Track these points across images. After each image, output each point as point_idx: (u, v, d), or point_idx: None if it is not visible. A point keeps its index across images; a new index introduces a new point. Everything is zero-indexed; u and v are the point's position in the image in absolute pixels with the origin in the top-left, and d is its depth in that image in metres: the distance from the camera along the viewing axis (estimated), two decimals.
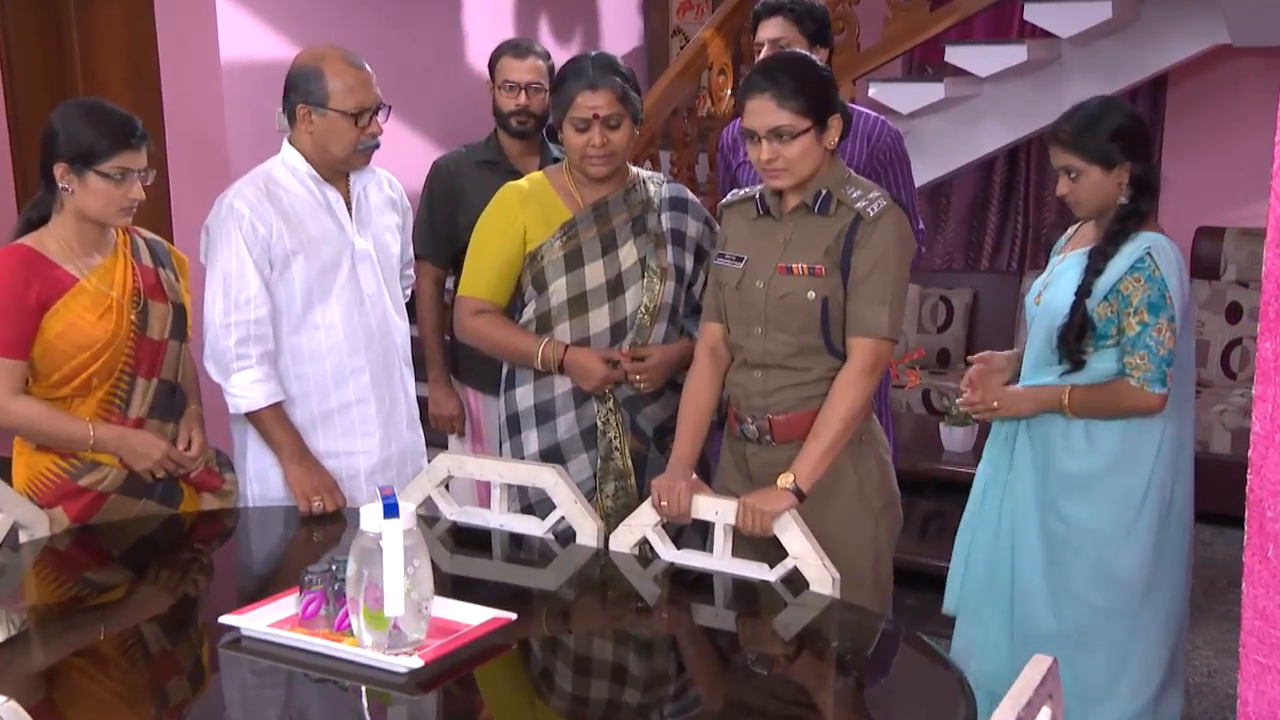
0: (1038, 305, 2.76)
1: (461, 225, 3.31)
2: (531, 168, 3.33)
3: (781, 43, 3.20)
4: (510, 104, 3.37)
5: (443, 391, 3.44)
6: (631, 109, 2.69)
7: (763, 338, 2.48)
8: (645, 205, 2.78)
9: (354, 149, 2.67)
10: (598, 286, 2.70)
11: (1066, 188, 2.66)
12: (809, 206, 2.47)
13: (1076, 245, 2.77)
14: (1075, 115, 2.65)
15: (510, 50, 3.40)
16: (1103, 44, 5.11)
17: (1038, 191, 6.05)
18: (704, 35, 5.09)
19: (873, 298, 2.40)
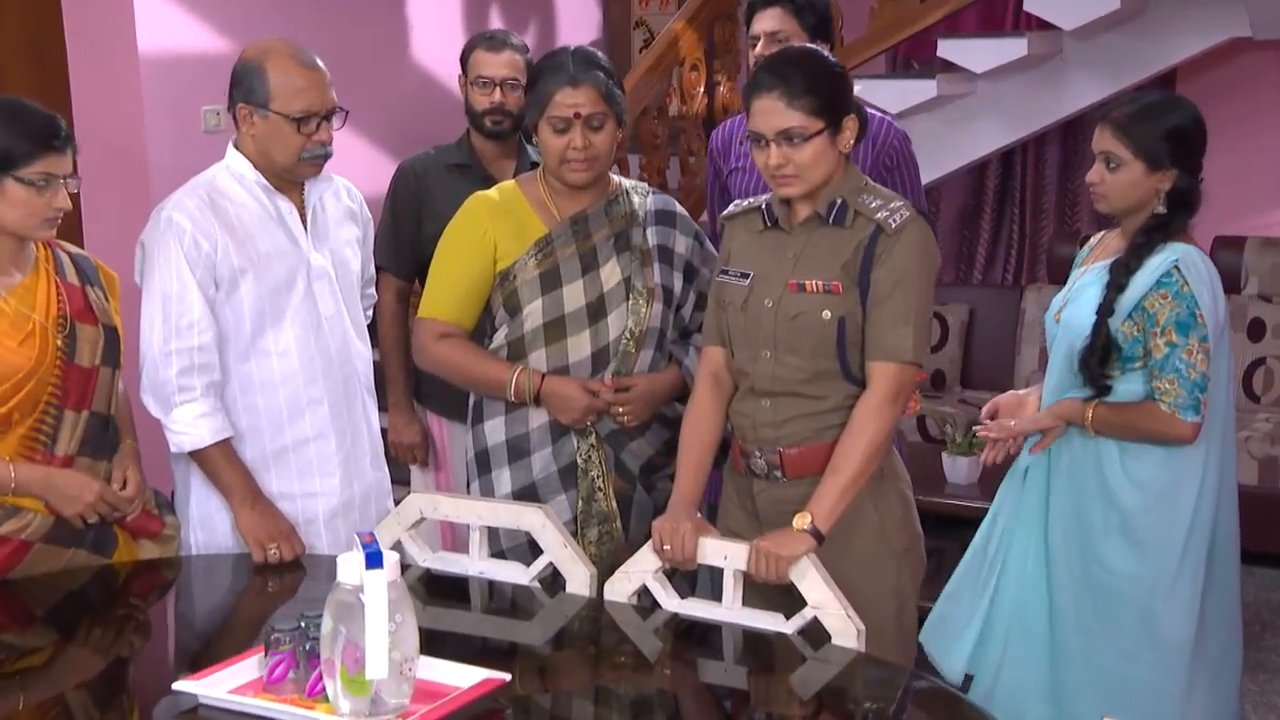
0: (1058, 323, 2.78)
1: (428, 234, 3.29)
2: (506, 172, 3.34)
3: (780, 36, 3.21)
4: (484, 102, 3.37)
5: (404, 417, 3.42)
6: (615, 109, 2.68)
7: (772, 362, 2.48)
8: (629, 219, 2.76)
9: (298, 158, 2.65)
10: (577, 310, 2.69)
11: (1099, 176, 2.67)
12: (822, 217, 2.47)
13: (1099, 257, 2.79)
14: (1135, 100, 2.68)
15: (484, 43, 3.40)
16: (1108, 37, 5.19)
17: (1034, 198, 6.12)
18: (675, 28, 5.14)
19: (895, 318, 2.40)
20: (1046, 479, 2.76)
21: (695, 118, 5.29)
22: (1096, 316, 2.63)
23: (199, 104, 4.71)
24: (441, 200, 3.30)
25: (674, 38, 5.10)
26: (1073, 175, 6.03)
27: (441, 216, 3.21)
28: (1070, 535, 2.71)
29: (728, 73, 5.43)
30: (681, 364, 2.79)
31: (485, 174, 3.37)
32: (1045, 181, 6.08)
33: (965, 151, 5.53)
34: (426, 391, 3.45)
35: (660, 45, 5.09)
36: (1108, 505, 2.65)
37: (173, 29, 4.66)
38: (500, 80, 3.35)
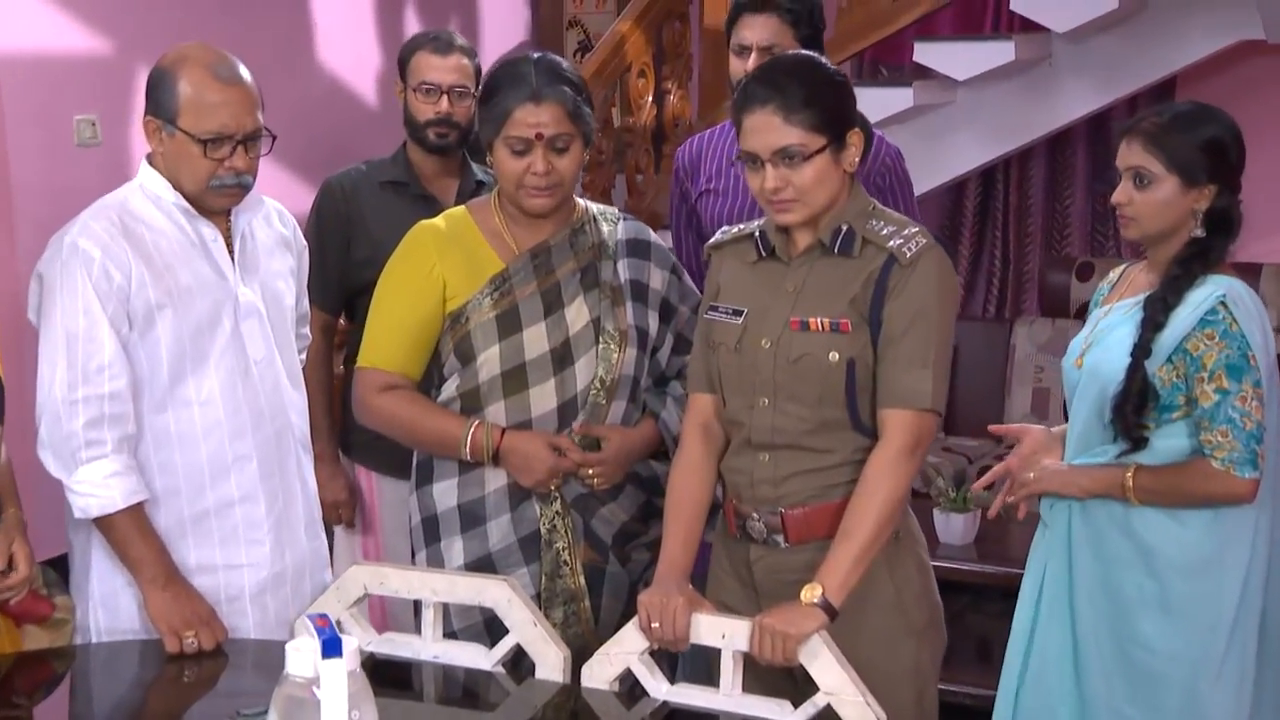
0: (1080, 369, 2.77)
1: (357, 260, 3.32)
2: (448, 192, 3.36)
3: (775, 49, 3.21)
4: (427, 111, 3.36)
5: (328, 470, 3.39)
6: (583, 127, 2.67)
7: (771, 411, 2.47)
8: (597, 250, 2.75)
9: (205, 185, 2.61)
10: (540, 356, 2.67)
11: (1127, 195, 2.69)
12: (826, 246, 2.47)
13: (1125, 293, 2.81)
14: (1166, 109, 2.70)
15: (428, 44, 3.40)
16: (1101, 40, 5.27)
17: (1019, 220, 6.19)
18: (620, 29, 5.15)
19: (911, 359, 2.40)
20: (1067, 544, 2.75)
21: (643, 130, 5.30)
22: (1131, 359, 2.63)
23: (70, 113, 4.63)
24: (373, 222, 3.30)
25: (619, 40, 5.11)
26: (1061, 194, 6.11)
27: (373, 240, 3.25)
28: (1100, 609, 2.70)
29: (678, 79, 5.44)
30: (658, 416, 2.78)
31: (423, 193, 3.37)
32: (1030, 202, 6.15)
33: (944, 168, 5.57)
34: (355, 441, 3.44)
35: (604, 49, 5.09)
36: (1143, 574, 2.65)
37: (39, 27, 4.57)
38: (447, 87, 3.35)
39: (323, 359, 3.39)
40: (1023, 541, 4.27)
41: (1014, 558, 4.09)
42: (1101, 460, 2.69)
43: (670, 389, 2.82)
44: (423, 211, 3.19)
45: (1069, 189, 6.08)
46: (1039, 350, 5.47)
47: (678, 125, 5.48)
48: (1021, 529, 4.32)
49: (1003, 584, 3.87)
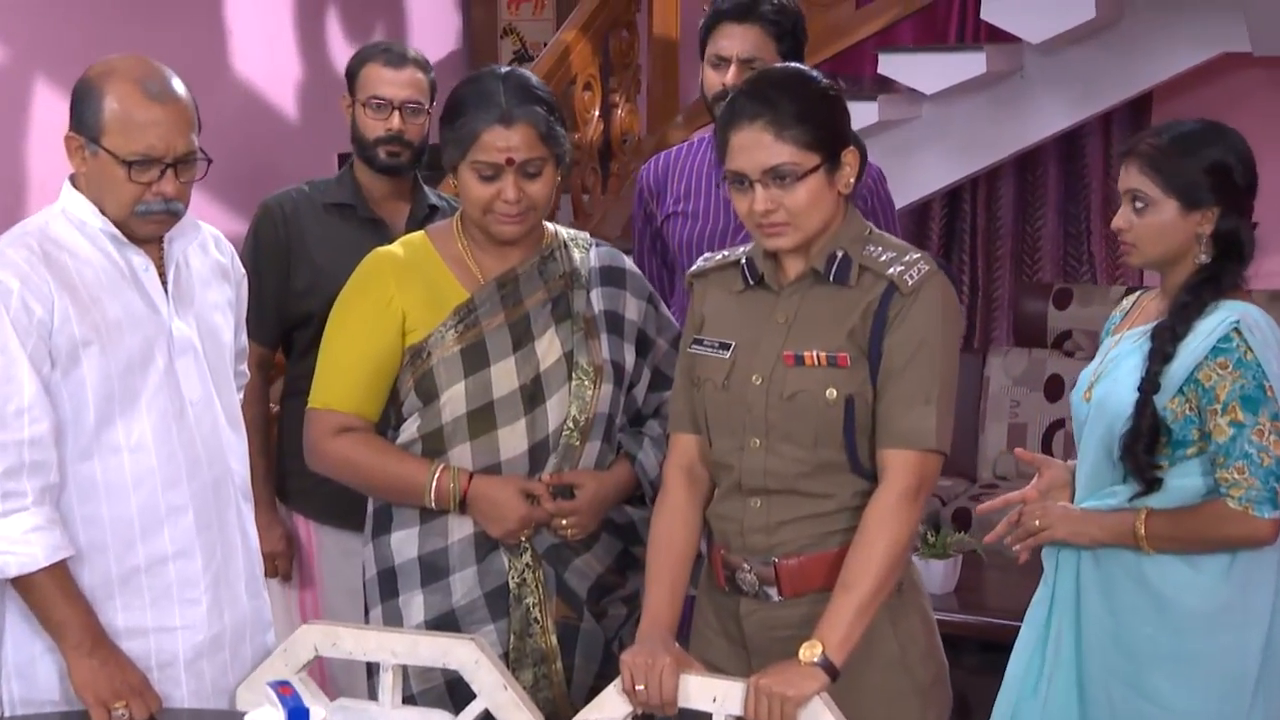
0: (1088, 403, 2.79)
1: (297, 289, 3.31)
2: (398, 215, 3.34)
3: (756, 64, 3.22)
4: (378, 128, 3.35)
5: (265, 518, 3.34)
6: (556, 149, 2.67)
7: (763, 452, 2.45)
8: (569, 279, 2.75)
9: (130, 211, 2.56)
10: (509, 394, 2.66)
11: (1126, 220, 2.72)
12: (820, 274, 2.47)
13: (1136, 321, 2.83)
14: (1167, 129, 2.73)
15: (379, 56, 3.39)
16: (1076, 52, 5.33)
17: (987, 244, 6.24)
18: (565, 39, 5.15)
19: (913, 395, 2.40)
20: (1075, 594, 2.75)
21: (590, 146, 5.29)
22: (1139, 394, 2.64)
23: None
24: (316, 248, 3.29)
25: (564, 50, 5.10)
26: (1031, 216, 6.16)
27: (314, 268, 3.25)
28: (1111, 664, 2.70)
29: (626, 92, 5.45)
30: (634, 458, 2.77)
31: (371, 216, 3.35)
32: (999, 224, 6.20)
33: (909, 188, 5.58)
34: (293, 488, 3.42)
35: (548, 59, 5.08)
36: (1158, 625, 2.65)
37: None
38: (399, 103, 3.34)
39: (258, 396, 3.36)
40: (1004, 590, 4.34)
41: (996, 607, 4.12)
42: (1112, 503, 2.70)
43: (647, 428, 2.82)
44: (370, 237, 3.20)
45: (1040, 210, 6.13)
46: (1014, 383, 5.49)
47: (626, 141, 5.48)
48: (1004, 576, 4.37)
49: (984, 635, 3.88)
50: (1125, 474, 2.68)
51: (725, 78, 3.24)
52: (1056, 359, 5.48)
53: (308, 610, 3.48)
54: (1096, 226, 6.00)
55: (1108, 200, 5.97)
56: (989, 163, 5.63)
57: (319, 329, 3.20)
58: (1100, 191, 5.99)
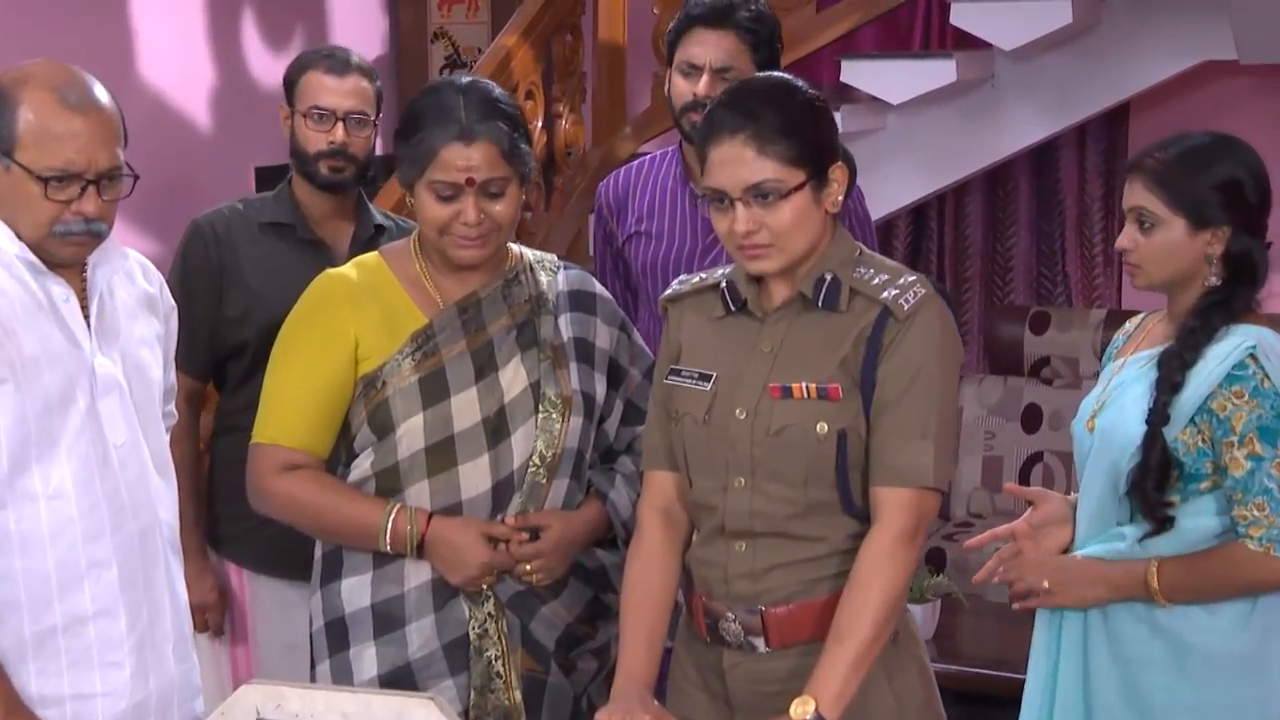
0: (1091, 434, 2.79)
1: (230, 317, 3.29)
2: (340, 236, 3.34)
3: (730, 74, 3.22)
4: (319, 141, 3.32)
5: (195, 567, 3.31)
6: (520, 167, 2.67)
7: (748, 492, 2.45)
8: (535, 303, 2.76)
9: (48, 231, 2.52)
10: (471, 427, 2.66)
11: (1131, 240, 2.72)
12: (808, 298, 2.46)
13: (1141, 345, 2.83)
14: (1174, 143, 2.73)
15: (320, 63, 3.37)
16: (1050, 60, 5.37)
17: (955, 264, 6.26)
18: (506, 44, 5.14)
19: (909, 429, 2.40)
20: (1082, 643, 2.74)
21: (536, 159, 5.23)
22: (1148, 425, 2.64)
23: None
24: (251, 271, 3.26)
25: (505, 56, 5.08)
26: (1002, 235, 6.19)
27: (249, 293, 3.25)
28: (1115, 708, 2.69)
29: (570, 101, 5.44)
30: (605, 497, 2.77)
31: (312, 237, 3.34)
32: (968, 243, 6.22)
33: (873, 203, 5.41)
34: (225, 534, 3.38)
35: (488, 66, 5.05)
36: (1175, 675, 2.64)
37: None
38: (342, 114, 3.32)
39: (188, 434, 3.33)
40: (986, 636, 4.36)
41: (977, 655, 4.13)
42: (1119, 545, 2.69)
43: (619, 465, 2.82)
44: (310, 259, 3.19)
45: (1011, 228, 6.16)
46: (989, 413, 5.52)
47: (570, 154, 5.46)
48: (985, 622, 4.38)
49: (964, 686, 3.89)
50: (1133, 511, 2.68)
51: (696, 87, 3.24)
52: (1034, 387, 5.51)
53: (240, 668, 3.45)
54: (1071, 245, 6.03)
55: (1083, 217, 6.02)
56: (958, 177, 5.66)
57: (254, 359, 3.20)
58: (1075, 208, 6.02)
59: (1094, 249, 6.00)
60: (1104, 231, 5.98)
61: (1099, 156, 6.00)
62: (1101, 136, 6.00)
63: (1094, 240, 6.00)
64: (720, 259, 3.27)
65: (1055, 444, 5.37)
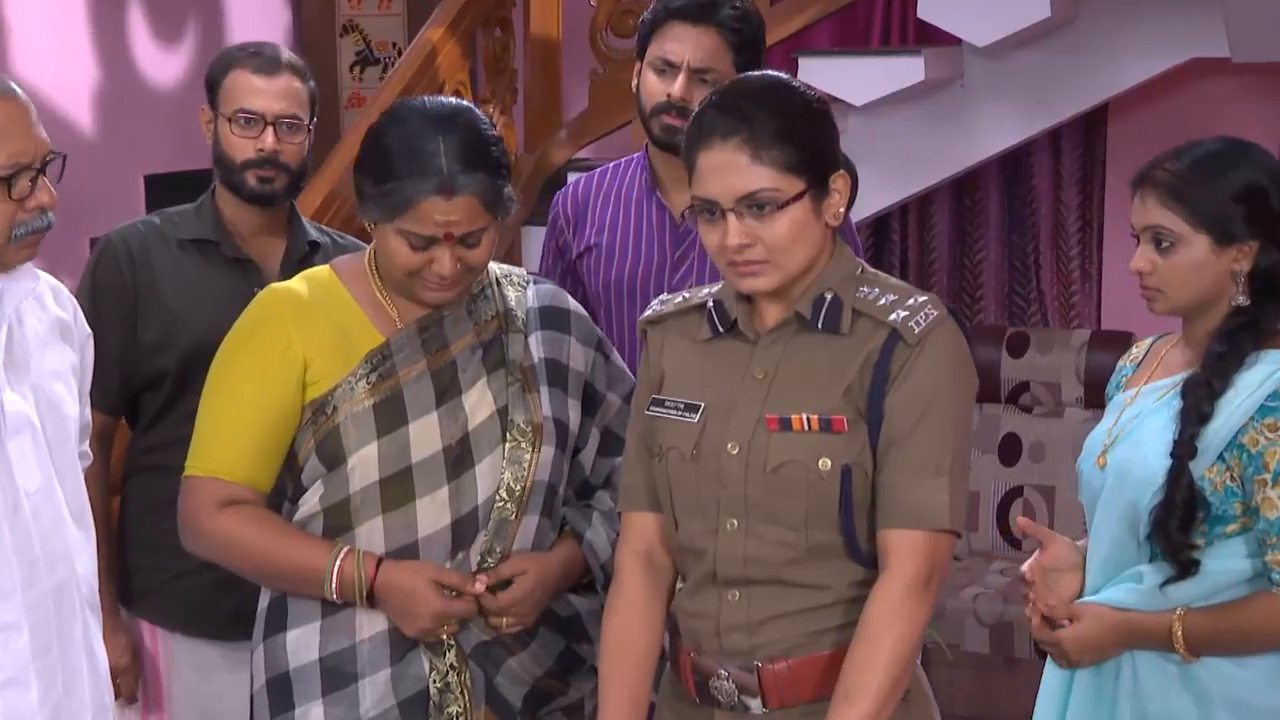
0: (1103, 470, 2.79)
1: (146, 343, 3.27)
2: (272, 254, 3.32)
3: (710, 75, 3.23)
4: (246, 148, 3.28)
5: (107, 625, 3.24)
6: (501, 210, 2.65)
7: (742, 536, 2.43)
8: (503, 320, 2.76)
9: (8, 236, 2.52)
10: (430, 457, 2.65)
11: (1148, 262, 2.72)
12: (806, 320, 2.45)
13: (1156, 373, 2.84)
14: (1185, 151, 2.73)
15: (248, 61, 3.32)
16: (1024, 57, 5.38)
17: (920, 278, 6.28)
18: (431, 38, 5.13)
19: (923, 465, 2.39)
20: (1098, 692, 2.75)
21: None
22: (1173, 460, 2.64)
23: None
24: (170, 293, 3.24)
25: (430, 52, 5.06)
26: (970, 248, 6.22)
27: (168, 316, 3.24)
28: None
29: (500, 102, 5.41)
30: (581, 537, 2.77)
31: (238, 255, 3.31)
32: (933, 256, 6.26)
33: None
34: (138, 588, 3.34)
35: (412, 63, 5.04)
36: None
37: None
38: (273, 118, 3.27)
39: (98, 476, 3.24)
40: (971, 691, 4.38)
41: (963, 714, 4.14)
42: (1137, 588, 2.70)
43: (597, 501, 2.83)
44: (236, 279, 3.20)
45: (980, 241, 6.19)
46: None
47: None
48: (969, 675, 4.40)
49: None
50: (1153, 554, 2.69)
51: (671, 87, 3.23)
52: (1012, 415, 5.54)
53: None
54: (1047, 260, 6.07)
55: (1058, 229, 6.06)
56: (925, 185, 5.67)
57: (174, 391, 3.19)
58: (1050, 219, 6.06)
59: (1070, 264, 6.04)
60: (1081, 245, 6.02)
61: (1075, 163, 6.05)
62: (1078, 141, 6.04)
63: (1070, 254, 6.04)
64: (691, 276, 3.27)
65: (1036, 477, 5.40)
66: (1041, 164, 6.07)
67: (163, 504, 3.17)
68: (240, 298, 3.12)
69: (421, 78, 5.04)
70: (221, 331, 3.00)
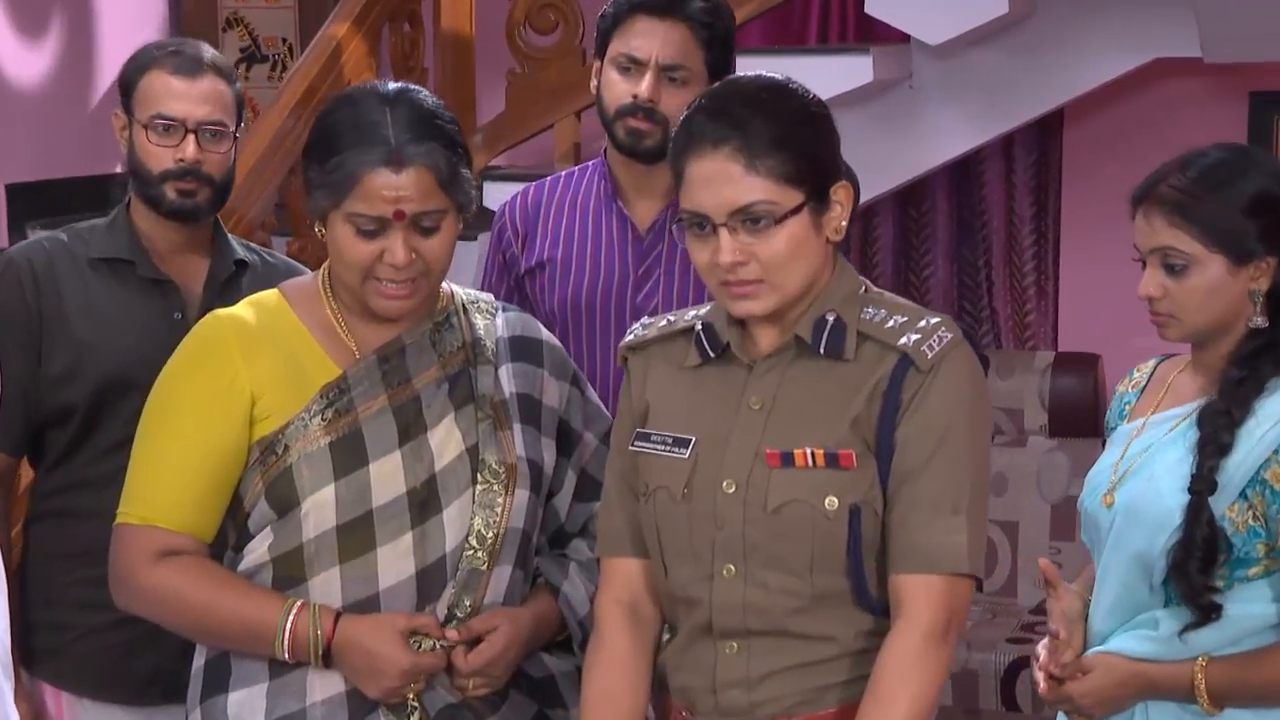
0: (1110, 509, 2.80)
1: (52, 375, 3.23)
2: (194, 275, 3.31)
3: (679, 73, 3.24)
4: (164, 158, 3.24)
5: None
6: (459, 196, 2.65)
7: (740, 583, 2.43)
8: (471, 351, 2.75)
9: None
10: (393, 501, 2.64)
11: (1159, 287, 2.72)
12: (807, 344, 2.45)
13: (1166, 401, 2.85)
14: (1188, 164, 2.73)
15: (167, 60, 3.28)
16: (977, 56, 5.41)
17: None
18: (335, 34, 5.13)
19: (938, 502, 2.39)
20: None
21: None
22: (1191, 496, 2.65)
23: None
24: (79, 318, 3.21)
25: (334, 49, 5.04)
26: (916, 263, 6.26)
27: (77, 345, 3.21)
28: None
29: None
30: (557, 590, 2.77)
31: (156, 276, 3.27)
32: (876, 272, 6.28)
33: None
34: (40, 647, 3.28)
35: (314, 60, 5.01)
36: None
37: None
38: (195, 124, 3.24)
39: None
40: None
41: None
42: (1153, 635, 2.71)
43: (573, 551, 2.83)
44: (154, 303, 3.19)
45: (927, 256, 6.22)
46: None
47: None
48: None
49: None
50: (1169, 599, 2.70)
51: (638, 87, 3.23)
52: None
53: None
54: (999, 276, 6.11)
55: (1011, 243, 6.10)
56: (871, 194, 5.64)
57: (83, 428, 3.17)
58: (1003, 232, 6.10)
59: (1025, 280, 6.08)
60: (1036, 260, 6.07)
61: (1029, 170, 6.09)
62: (1032, 146, 6.09)
63: (1025, 270, 6.08)
64: (658, 294, 3.27)
65: (997, 512, 5.41)
66: (992, 171, 6.10)
67: (69, 553, 3.16)
68: (159, 324, 3.10)
69: (325, 77, 5.00)
70: (137, 361, 2.97)
